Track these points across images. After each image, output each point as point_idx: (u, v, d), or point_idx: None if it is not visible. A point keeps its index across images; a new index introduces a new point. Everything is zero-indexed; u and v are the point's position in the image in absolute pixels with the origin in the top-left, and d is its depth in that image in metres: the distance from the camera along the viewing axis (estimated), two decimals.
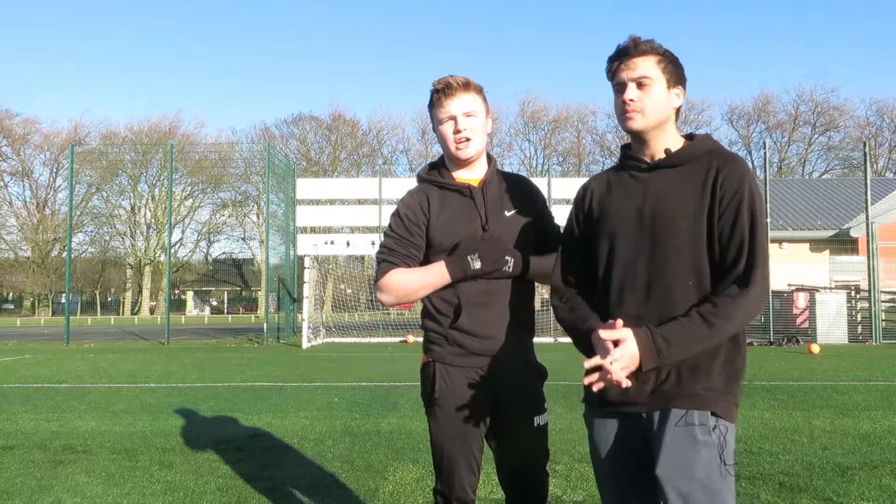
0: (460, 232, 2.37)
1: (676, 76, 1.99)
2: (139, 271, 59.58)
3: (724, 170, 1.90)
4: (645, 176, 2.00)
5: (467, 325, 2.34)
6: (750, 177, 1.91)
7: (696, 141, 2.01)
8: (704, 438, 1.81)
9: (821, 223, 24.26)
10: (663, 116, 1.97)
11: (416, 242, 2.40)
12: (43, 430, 6.31)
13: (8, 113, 57.33)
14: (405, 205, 2.45)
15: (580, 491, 4.27)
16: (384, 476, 4.66)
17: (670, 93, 1.98)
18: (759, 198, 1.90)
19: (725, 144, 4.11)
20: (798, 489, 4.23)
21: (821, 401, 7.65)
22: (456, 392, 2.36)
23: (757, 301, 1.84)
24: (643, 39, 1.97)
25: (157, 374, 11.23)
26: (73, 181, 24.24)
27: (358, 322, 23.43)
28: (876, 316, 17.83)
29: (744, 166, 1.93)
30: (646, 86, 1.95)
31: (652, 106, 1.95)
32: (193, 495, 4.27)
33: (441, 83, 2.38)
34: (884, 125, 56.06)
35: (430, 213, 2.40)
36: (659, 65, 1.95)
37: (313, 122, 57.50)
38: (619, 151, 2.12)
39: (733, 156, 1.96)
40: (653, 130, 1.98)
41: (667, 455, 1.82)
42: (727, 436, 1.84)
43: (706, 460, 1.80)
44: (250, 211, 56.87)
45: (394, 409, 7.28)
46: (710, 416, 1.83)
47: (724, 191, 1.89)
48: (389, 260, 2.39)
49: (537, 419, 2.42)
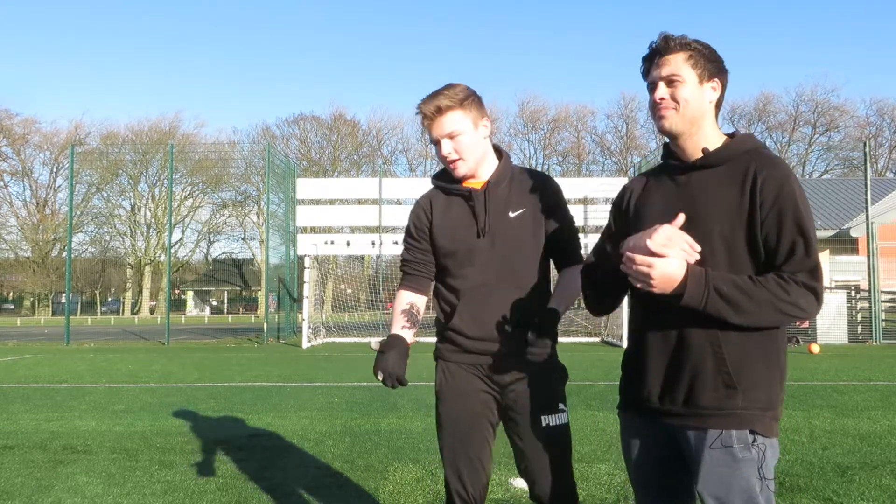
0: (460, 236, 2.41)
1: (710, 69, 1.90)
2: (139, 271, 59.58)
3: (762, 172, 1.80)
4: (681, 177, 1.93)
5: (459, 324, 2.39)
6: (793, 180, 1.80)
7: (736, 140, 1.91)
8: (744, 455, 1.78)
9: (821, 223, 24.25)
10: (697, 114, 1.89)
11: (423, 247, 2.50)
12: (43, 430, 6.31)
13: (8, 113, 57.38)
14: (412, 211, 2.55)
15: (580, 491, 4.24)
16: (384, 476, 4.66)
17: (703, 88, 1.89)
18: (805, 203, 1.80)
19: None
20: (798, 489, 4.23)
21: (821, 401, 7.65)
22: (456, 387, 2.41)
23: (816, 303, 1.77)
24: (674, 36, 1.90)
25: (157, 374, 11.23)
26: (74, 181, 24.25)
27: (358, 322, 23.41)
28: (876, 316, 17.83)
29: (786, 169, 1.83)
30: (676, 83, 1.88)
31: (683, 104, 1.88)
32: (193, 495, 4.27)
33: (421, 108, 2.37)
34: (884, 125, 56.18)
35: (433, 217, 2.47)
36: (689, 60, 1.88)
37: (314, 122, 57.55)
38: (662, 150, 2.06)
39: (775, 158, 1.87)
40: (688, 129, 1.90)
41: (706, 472, 1.80)
42: (766, 451, 1.80)
43: (745, 476, 1.78)
44: (250, 211, 56.88)
45: (394, 409, 7.28)
46: (748, 433, 1.79)
47: (763, 195, 1.79)
48: (404, 270, 2.56)
49: (546, 419, 2.36)
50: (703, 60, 1.89)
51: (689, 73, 1.88)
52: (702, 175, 1.89)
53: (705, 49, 1.90)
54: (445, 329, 2.45)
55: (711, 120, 1.92)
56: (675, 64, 1.88)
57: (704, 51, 1.89)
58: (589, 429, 6.11)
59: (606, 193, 23.01)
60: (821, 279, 1.77)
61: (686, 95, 1.87)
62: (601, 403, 7.25)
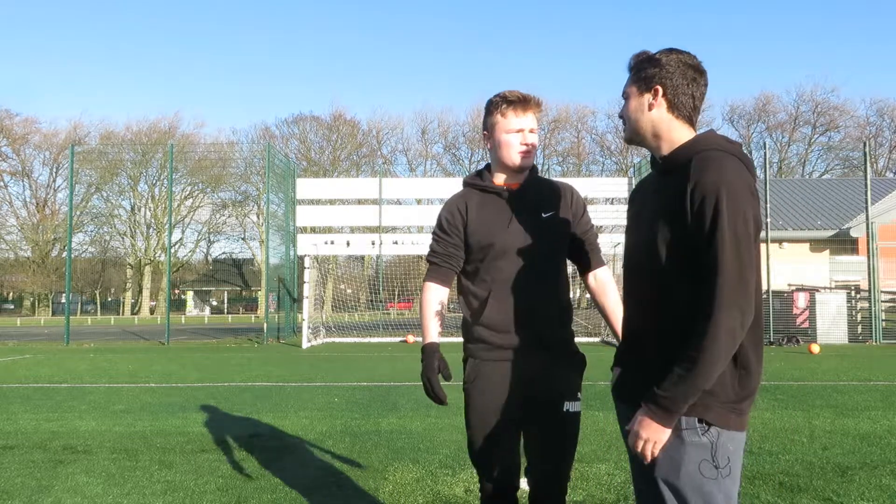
0: (495, 229, 2.54)
1: (649, 78, 1.94)
2: (139, 271, 59.59)
3: (693, 178, 1.80)
4: (655, 178, 2.03)
5: (490, 317, 2.50)
6: (721, 185, 1.76)
7: (686, 145, 1.92)
8: (692, 439, 1.81)
9: (821, 223, 24.27)
10: (643, 125, 1.97)
11: (454, 241, 2.61)
12: (43, 430, 6.31)
13: (8, 113, 57.43)
14: (446, 209, 2.67)
15: (580, 491, 4.26)
16: (384, 476, 4.66)
17: (642, 100, 1.96)
18: (734, 204, 1.75)
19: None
20: (798, 489, 4.23)
21: (821, 401, 7.65)
22: (486, 384, 2.50)
23: (728, 330, 1.73)
24: (635, 53, 2.01)
25: (157, 374, 11.23)
26: (73, 181, 24.24)
27: (358, 322, 23.42)
28: (876, 316, 17.83)
29: (716, 174, 1.78)
30: (625, 101, 2.01)
31: (628, 119, 2.00)
32: (193, 495, 4.27)
33: (516, 95, 2.58)
34: (884, 125, 56.15)
35: (468, 213, 2.60)
36: (633, 76, 1.99)
37: (313, 122, 57.53)
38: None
39: (709, 161, 1.82)
40: (642, 139, 2.00)
41: (662, 457, 1.84)
42: (721, 440, 1.82)
43: (694, 460, 1.81)
44: (250, 211, 56.91)
45: (394, 409, 7.28)
46: (696, 421, 1.81)
47: (693, 202, 1.79)
48: (432, 260, 2.66)
49: (567, 405, 2.51)
50: (644, 73, 1.96)
51: (630, 89, 1.99)
52: (659, 180, 1.98)
53: (644, 61, 1.97)
54: (475, 325, 2.55)
55: (667, 125, 1.95)
56: (626, 83, 2.02)
57: (642, 64, 1.97)
58: (589, 429, 6.10)
59: (606, 193, 23.03)
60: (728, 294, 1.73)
61: (627, 110, 2.01)
62: (601, 403, 7.24)
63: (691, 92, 1.94)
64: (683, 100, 1.94)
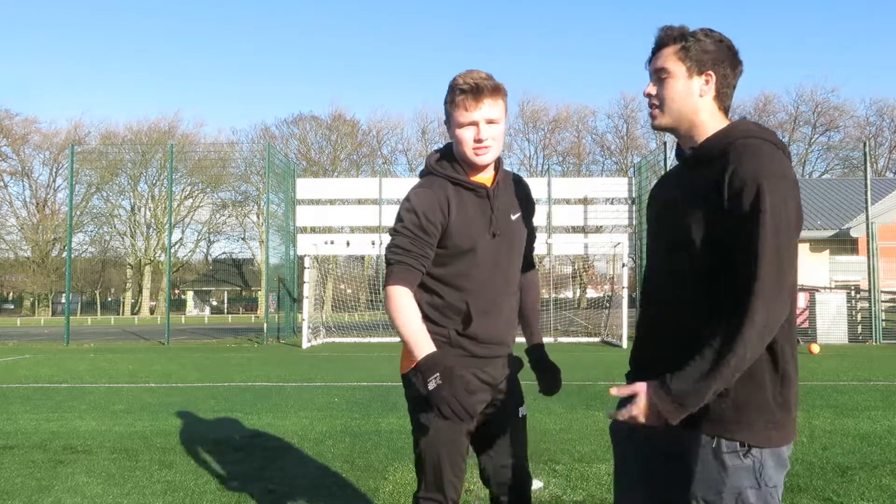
0: (476, 235, 2.27)
1: (702, 62, 1.79)
2: (139, 271, 59.58)
3: (730, 167, 1.68)
4: (680, 172, 1.89)
5: (475, 330, 2.31)
6: (766, 171, 1.64)
7: (720, 133, 1.79)
8: (734, 464, 1.69)
9: (821, 223, 24.26)
10: (685, 109, 1.81)
11: (431, 243, 2.24)
12: (43, 430, 6.31)
13: (8, 113, 57.40)
14: (423, 201, 2.23)
15: (580, 491, 4.26)
16: (384, 476, 4.66)
17: (693, 82, 1.79)
18: (776, 193, 1.63)
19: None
20: (798, 489, 4.23)
21: (821, 401, 7.65)
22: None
23: (759, 330, 1.61)
24: (673, 28, 1.82)
25: (157, 374, 11.23)
26: (73, 181, 24.23)
27: (358, 322, 23.39)
28: (876, 316, 17.82)
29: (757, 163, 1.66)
30: (663, 80, 1.82)
31: (668, 101, 1.81)
32: (193, 495, 4.27)
33: (468, 83, 2.17)
34: (884, 125, 56.12)
35: (451, 213, 2.24)
36: (678, 54, 1.79)
37: (313, 122, 57.49)
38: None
39: (748, 148, 1.71)
40: (678, 125, 1.83)
41: (699, 476, 1.73)
42: (764, 460, 1.70)
43: (737, 484, 1.70)
44: (250, 211, 56.86)
45: (394, 409, 7.27)
46: (738, 445, 1.69)
47: (731, 191, 1.66)
48: (404, 261, 2.22)
49: (522, 410, 2.48)
50: (695, 52, 1.79)
51: (677, 68, 1.80)
52: (689, 173, 1.84)
53: (703, 40, 1.79)
54: (457, 336, 2.32)
55: (709, 113, 1.83)
56: (664, 58, 1.82)
57: (700, 43, 1.79)
58: (589, 429, 6.11)
59: (607, 193, 23.02)
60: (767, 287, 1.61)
61: (670, 91, 1.81)
62: (601, 403, 7.24)
63: (735, 83, 1.85)
64: (728, 91, 1.84)
